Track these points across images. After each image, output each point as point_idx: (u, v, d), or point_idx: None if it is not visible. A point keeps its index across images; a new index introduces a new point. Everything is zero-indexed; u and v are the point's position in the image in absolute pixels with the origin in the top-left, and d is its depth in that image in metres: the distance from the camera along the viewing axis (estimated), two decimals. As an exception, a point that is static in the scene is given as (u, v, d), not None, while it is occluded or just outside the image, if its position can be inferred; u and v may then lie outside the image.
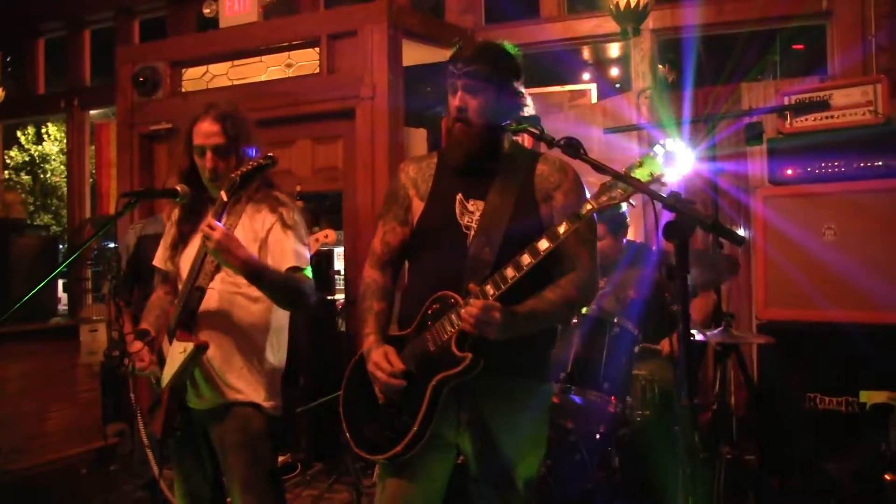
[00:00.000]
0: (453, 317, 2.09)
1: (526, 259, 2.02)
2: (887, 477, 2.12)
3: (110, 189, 7.42)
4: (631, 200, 1.98)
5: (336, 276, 5.74)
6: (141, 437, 4.15)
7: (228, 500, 2.70)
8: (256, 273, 2.43)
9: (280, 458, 4.73)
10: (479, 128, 2.19)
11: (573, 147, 1.99)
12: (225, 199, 2.46)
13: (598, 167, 1.94)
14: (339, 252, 5.91)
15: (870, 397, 2.26)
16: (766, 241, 4.06)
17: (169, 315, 2.62)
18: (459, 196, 2.23)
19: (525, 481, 2.30)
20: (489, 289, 2.05)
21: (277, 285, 2.50)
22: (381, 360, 2.15)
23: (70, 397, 5.41)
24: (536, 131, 2.07)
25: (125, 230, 4.72)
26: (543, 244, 2.01)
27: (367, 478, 4.26)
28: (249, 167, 2.45)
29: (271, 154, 2.49)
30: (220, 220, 2.45)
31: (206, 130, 2.58)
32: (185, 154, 2.65)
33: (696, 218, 1.78)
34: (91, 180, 7.91)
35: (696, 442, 1.86)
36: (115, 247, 5.34)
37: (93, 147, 7.82)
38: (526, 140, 2.88)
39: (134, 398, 4.08)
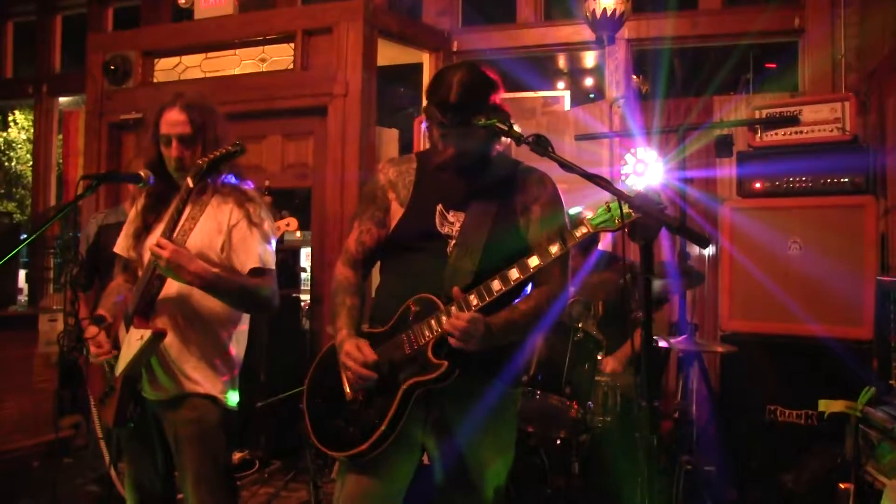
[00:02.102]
0: (433, 322, 2.09)
1: (514, 274, 2.04)
2: (841, 486, 2.14)
3: (77, 178, 7.28)
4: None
5: (302, 273, 5.68)
6: (95, 430, 4.07)
7: (180, 495, 2.64)
8: (211, 285, 2.41)
9: (238, 455, 4.67)
10: (472, 158, 2.21)
11: (541, 145, 1.98)
12: (191, 185, 2.41)
13: (566, 165, 1.93)
14: (306, 252, 5.86)
15: (827, 406, 2.27)
16: (733, 253, 4.09)
17: (127, 302, 2.56)
18: (440, 207, 2.23)
19: (495, 489, 2.29)
20: (473, 299, 2.06)
21: (233, 294, 2.48)
22: (354, 351, 2.13)
23: (26, 387, 5.29)
24: (505, 127, 2.05)
25: (88, 216, 4.63)
26: (534, 261, 2.04)
27: (325, 477, 4.21)
28: (217, 154, 2.41)
29: (239, 142, 2.46)
30: (184, 207, 2.41)
31: (173, 119, 2.54)
32: (151, 144, 2.61)
33: (661, 219, 1.77)
34: (57, 169, 7.75)
35: (655, 446, 1.85)
36: (73, 234, 5.23)
37: (60, 137, 7.68)
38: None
39: (87, 388, 4.00)
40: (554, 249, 2.02)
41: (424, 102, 2.26)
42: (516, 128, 2.09)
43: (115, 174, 3.83)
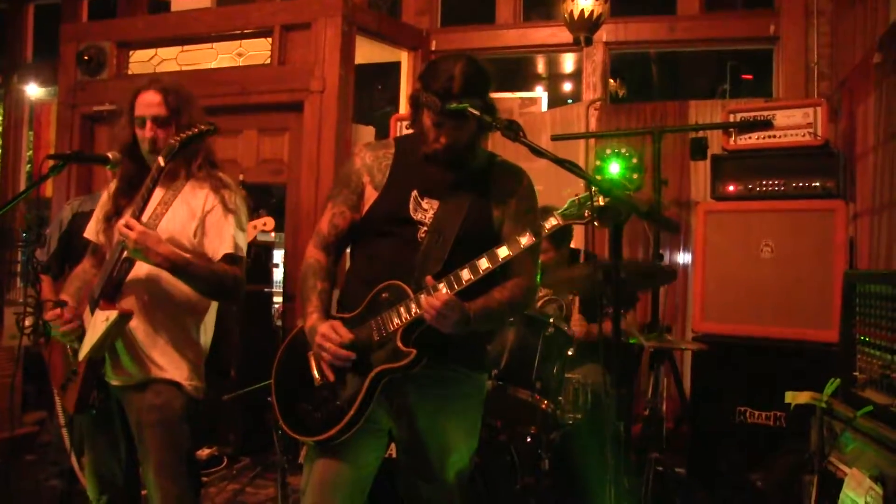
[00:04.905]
0: (402, 309, 2.08)
1: (483, 264, 2.04)
2: (806, 478, 2.16)
3: (46, 166, 7.15)
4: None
5: (274, 269, 5.65)
6: (58, 422, 3.99)
7: (144, 492, 2.58)
8: (180, 268, 2.37)
9: (206, 451, 4.61)
10: (462, 150, 2.20)
11: (513, 130, 1.98)
12: (162, 164, 2.38)
13: (537, 151, 1.93)
14: (279, 254, 5.82)
15: (794, 398, 2.29)
16: (705, 255, 4.11)
17: (93, 286, 2.51)
18: (415, 193, 2.21)
19: (457, 472, 2.28)
20: (442, 287, 2.05)
21: (202, 279, 2.43)
22: (330, 332, 2.10)
23: (-11, 382, 5.18)
24: (477, 112, 2.04)
25: (60, 207, 4.56)
26: (503, 252, 2.04)
27: (294, 472, 4.16)
28: (190, 133, 2.39)
29: (212, 122, 2.43)
30: (154, 186, 2.38)
31: (148, 101, 2.53)
32: (127, 126, 2.58)
33: (630, 204, 1.77)
34: (28, 166, 7.62)
35: (622, 433, 1.84)
36: (37, 217, 5.14)
37: (31, 133, 7.56)
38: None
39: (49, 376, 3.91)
40: (524, 240, 2.03)
41: (415, 89, 2.21)
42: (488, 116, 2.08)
43: (82, 155, 3.75)
